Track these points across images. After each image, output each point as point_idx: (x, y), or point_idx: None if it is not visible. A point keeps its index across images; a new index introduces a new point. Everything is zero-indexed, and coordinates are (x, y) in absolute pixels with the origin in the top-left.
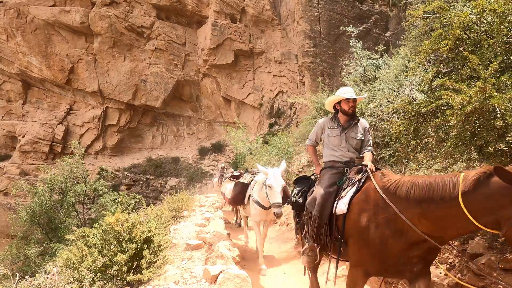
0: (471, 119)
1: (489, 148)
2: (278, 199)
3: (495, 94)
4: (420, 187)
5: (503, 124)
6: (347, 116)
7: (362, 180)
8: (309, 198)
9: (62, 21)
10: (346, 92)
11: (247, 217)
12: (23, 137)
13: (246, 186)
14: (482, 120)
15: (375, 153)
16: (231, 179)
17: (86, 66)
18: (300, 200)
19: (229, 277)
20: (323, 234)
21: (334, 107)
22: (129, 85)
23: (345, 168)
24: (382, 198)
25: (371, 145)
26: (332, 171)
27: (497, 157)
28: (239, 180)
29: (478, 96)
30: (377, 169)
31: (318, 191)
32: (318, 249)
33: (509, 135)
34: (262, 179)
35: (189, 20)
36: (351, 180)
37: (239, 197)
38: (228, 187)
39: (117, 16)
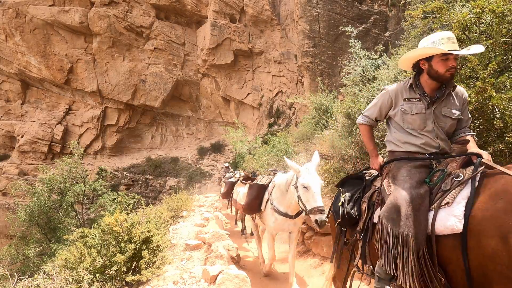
0: None
1: (488, 148)
2: (319, 201)
3: (494, 94)
4: None
5: (502, 125)
6: (439, 82)
7: (477, 179)
8: (383, 208)
9: (61, 21)
10: (446, 42)
11: (257, 227)
12: (22, 137)
13: (263, 188)
14: (481, 120)
15: None
16: (243, 181)
17: (85, 66)
18: (354, 211)
19: (228, 277)
20: (426, 269)
21: (416, 65)
22: (128, 85)
23: (433, 162)
24: None
25: (471, 126)
26: (412, 163)
27: (496, 157)
28: (255, 182)
29: (478, 97)
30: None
31: (397, 194)
32: None
33: (508, 135)
34: (287, 180)
35: (189, 20)
36: (456, 178)
37: (255, 203)
38: (241, 192)
39: (116, 16)
